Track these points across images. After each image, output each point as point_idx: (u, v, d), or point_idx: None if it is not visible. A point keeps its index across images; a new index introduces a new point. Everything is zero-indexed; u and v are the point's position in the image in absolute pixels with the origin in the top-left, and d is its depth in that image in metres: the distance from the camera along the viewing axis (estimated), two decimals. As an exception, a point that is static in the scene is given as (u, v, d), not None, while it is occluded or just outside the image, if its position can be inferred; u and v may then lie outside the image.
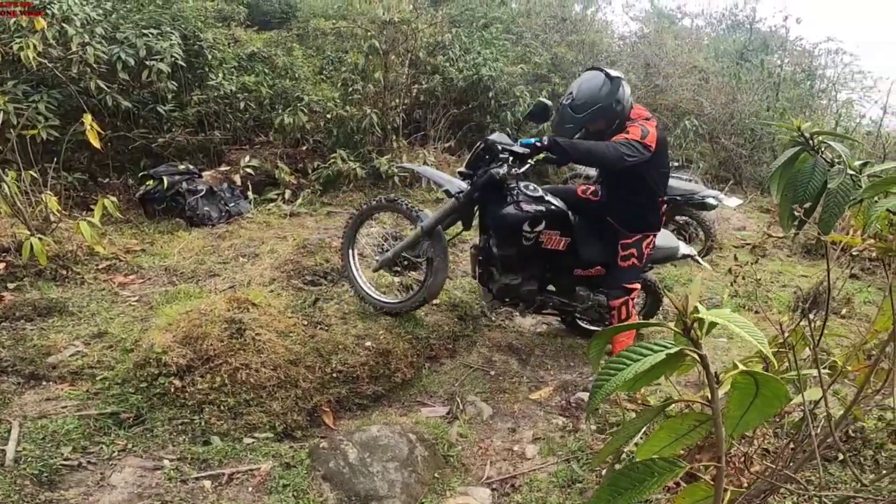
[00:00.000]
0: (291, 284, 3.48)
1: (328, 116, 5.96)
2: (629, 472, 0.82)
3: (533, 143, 2.59)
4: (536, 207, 2.80)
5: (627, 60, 8.99)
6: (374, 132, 6.03)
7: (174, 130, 5.41)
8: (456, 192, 2.89)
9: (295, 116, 5.71)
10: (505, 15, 8.67)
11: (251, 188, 5.43)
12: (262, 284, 3.42)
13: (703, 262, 3.64)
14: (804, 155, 1.46)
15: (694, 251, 3.44)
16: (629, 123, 2.63)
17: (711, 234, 4.92)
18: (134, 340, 2.70)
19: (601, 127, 2.66)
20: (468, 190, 2.84)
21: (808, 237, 5.36)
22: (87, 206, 4.58)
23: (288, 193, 5.57)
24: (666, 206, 3.02)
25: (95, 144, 3.46)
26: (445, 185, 2.99)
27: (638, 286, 2.92)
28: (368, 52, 6.04)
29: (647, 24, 11.75)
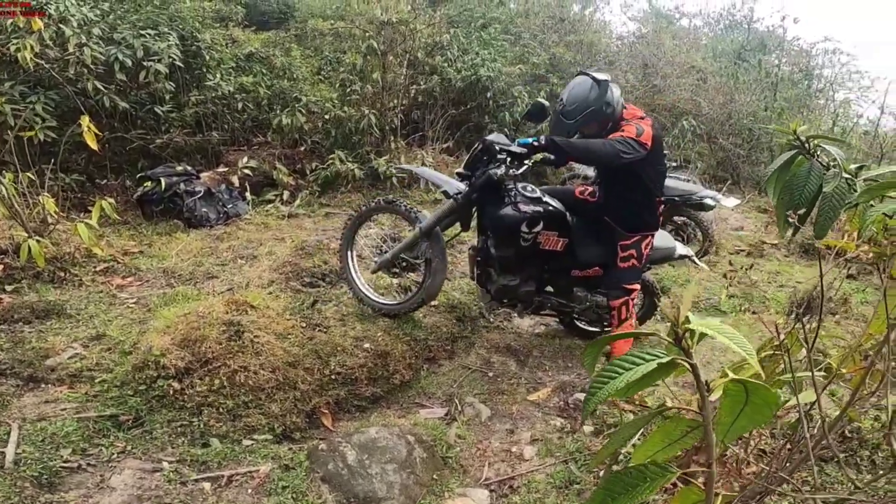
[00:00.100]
0: (290, 286, 3.49)
1: (326, 117, 5.96)
2: (623, 476, 0.83)
3: (530, 142, 2.60)
4: (534, 208, 2.81)
5: (625, 61, 9.00)
6: (372, 133, 6.02)
7: (172, 131, 5.40)
8: (454, 193, 2.90)
9: (293, 117, 5.70)
10: (503, 15, 8.66)
11: (249, 189, 5.43)
12: (260, 286, 3.43)
13: (700, 262, 3.65)
14: (800, 158, 1.47)
15: (691, 252, 3.45)
16: (623, 123, 2.67)
17: (709, 234, 4.94)
18: (132, 343, 2.70)
19: (595, 130, 2.70)
20: (466, 191, 2.85)
21: (805, 237, 5.37)
22: (84, 207, 4.57)
23: (286, 194, 5.57)
24: (664, 206, 3.04)
25: (93, 147, 3.45)
26: (444, 186, 3.00)
27: (638, 287, 2.94)
28: (366, 52, 6.03)
29: (645, 24, 11.76)
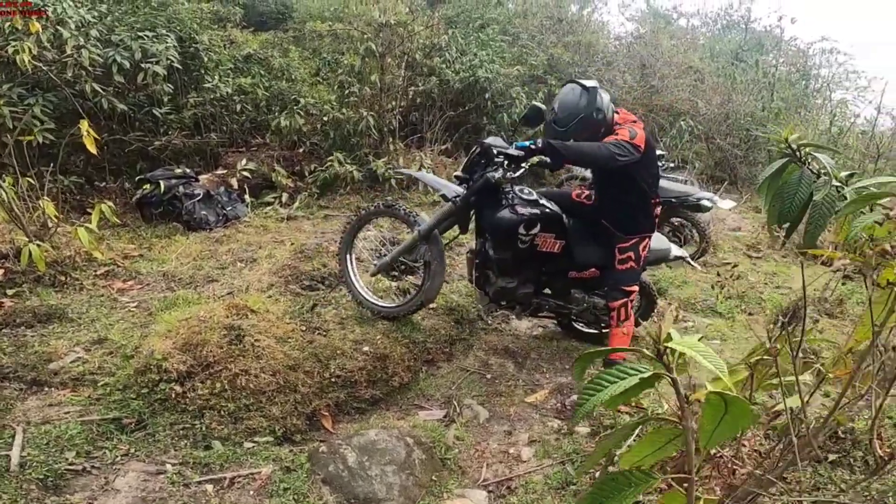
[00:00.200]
0: (289, 290, 3.51)
1: (325, 119, 5.97)
2: (612, 480, 0.87)
3: (527, 145, 2.64)
4: (531, 210, 2.85)
5: (623, 61, 9.03)
6: (370, 135, 6.04)
7: (170, 133, 5.41)
8: (452, 196, 2.93)
9: (291, 119, 5.72)
10: (501, 16, 8.69)
11: (248, 191, 5.45)
12: (260, 290, 3.45)
13: (694, 264, 3.69)
14: (792, 166, 1.50)
15: (686, 253, 3.48)
16: (616, 127, 2.73)
17: (706, 235, 4.97)
18: (134, 347, 2.72)
19: (587, 136, 2.75)
20: (464, 194, 2.89)
21: (803, 238, 5.39)
22: (83, 210, 4.59)
23: (285, 197, 5.59)
24: (660, 208, 3.07)
25: (92, 150, 3.46)
26: (442, 189, 3.03)
27: (636, 288, 2.97)
28: (365, 54, 6.05)
29: (642, 24, 11.80)
